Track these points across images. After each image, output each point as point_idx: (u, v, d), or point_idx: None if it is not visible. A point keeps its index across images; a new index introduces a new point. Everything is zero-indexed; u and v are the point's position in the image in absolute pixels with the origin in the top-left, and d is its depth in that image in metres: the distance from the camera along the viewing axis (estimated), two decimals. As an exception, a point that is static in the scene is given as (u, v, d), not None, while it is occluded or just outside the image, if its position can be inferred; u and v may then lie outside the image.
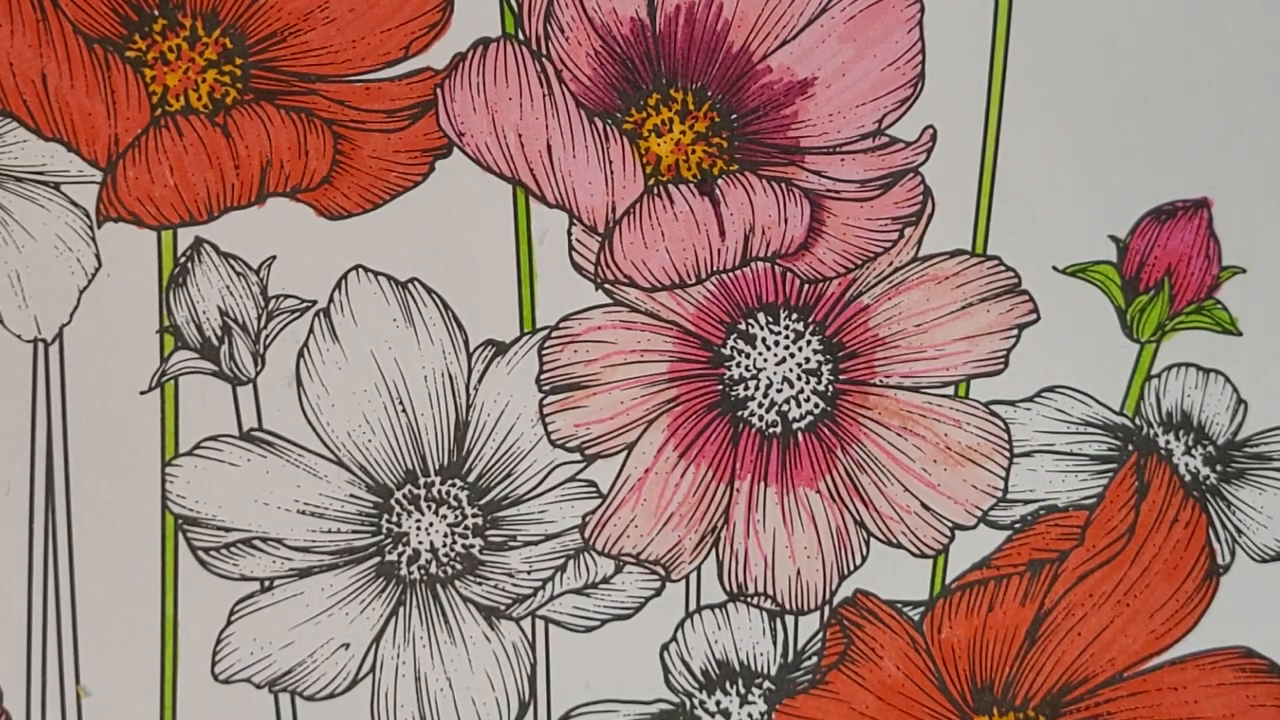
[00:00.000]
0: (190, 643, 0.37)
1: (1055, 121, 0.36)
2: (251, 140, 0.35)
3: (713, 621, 0.38)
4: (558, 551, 0.37)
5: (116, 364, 0.35)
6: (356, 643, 0.37)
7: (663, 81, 0.35)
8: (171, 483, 0.36)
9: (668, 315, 0.37)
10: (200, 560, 0.36)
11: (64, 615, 0.36)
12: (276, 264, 0.36)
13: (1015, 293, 0.37)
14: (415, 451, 0.36)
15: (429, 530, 0.37)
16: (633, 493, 0.37)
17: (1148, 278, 0.37)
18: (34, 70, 0.34)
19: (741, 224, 0.36)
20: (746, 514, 0.37)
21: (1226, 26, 0.36)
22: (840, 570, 0.38)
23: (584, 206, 0.36)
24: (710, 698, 0.38)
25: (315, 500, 0.36)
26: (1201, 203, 0.37)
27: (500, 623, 0.37)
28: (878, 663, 0.38)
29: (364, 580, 0.37)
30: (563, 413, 0.37)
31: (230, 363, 0.36)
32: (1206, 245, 0.37)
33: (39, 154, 0.34)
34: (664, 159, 0.36)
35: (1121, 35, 0.36)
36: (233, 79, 0.34)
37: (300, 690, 0.37)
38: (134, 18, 0.34)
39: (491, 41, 0.35)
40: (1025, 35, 0.36)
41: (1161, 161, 0.37)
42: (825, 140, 0.36)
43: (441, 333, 0.36)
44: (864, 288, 0.37)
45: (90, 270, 0.35)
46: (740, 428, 0.37)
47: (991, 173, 0.36)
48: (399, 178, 0.35)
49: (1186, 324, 0.38)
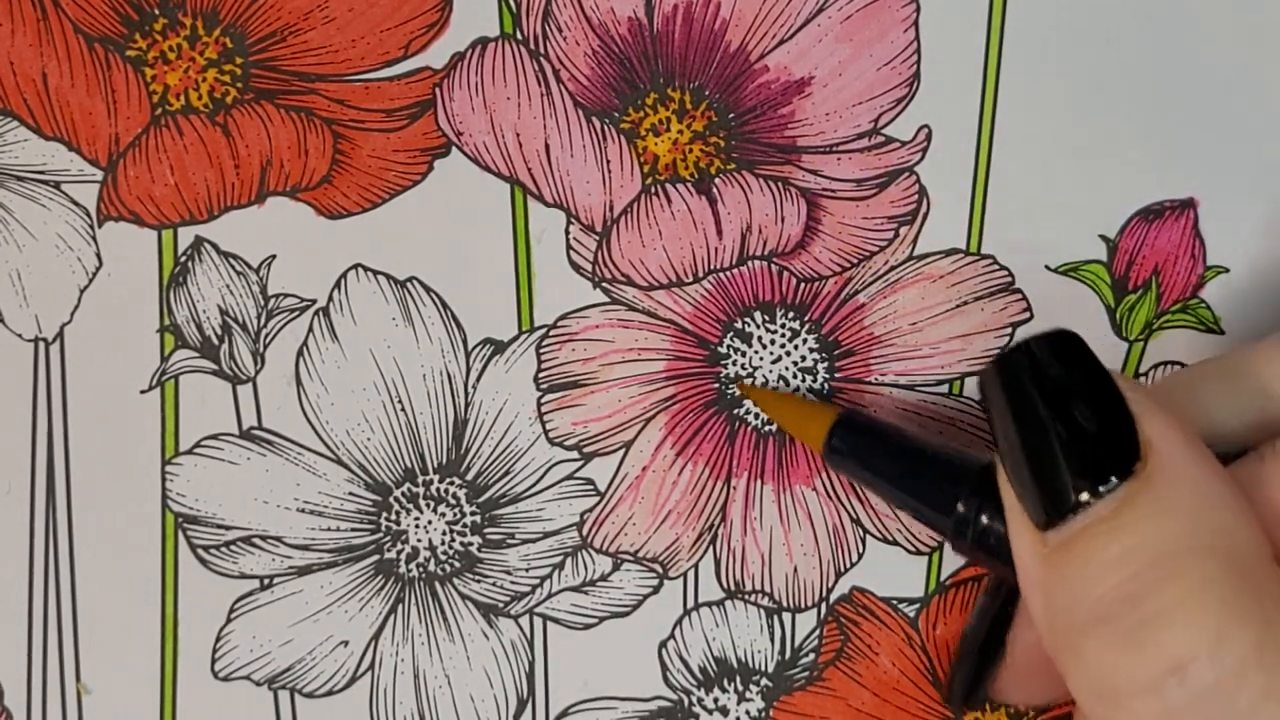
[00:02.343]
0: (190, 640, 0.36)
1: (1048, 122, 0.37)
2: (251, 139, 0.35)
3: (710, 619, 0.38)
4: (556, 549, 0.37)
5: (117, 363, 0.35)
6: (355, 640, 0.37)
7: (660, 81, 0.35)
8: (171, 481, 0.36)
9: (665, 314, 0.37)
10: (200, 558, 0.36)
11: (64, 613, 0.36)
12: (276, 263, 0.36)
13: (1009, 291, 0.37)
14: (414, 450, 0.36)
15: (427, 528, 0.37)
16: (630, 490, 0.37)
17: (1136, 277, 0.38)
18: (34, 69, 0.34)
19: (738, 223, 0.36)
20: (744, 512, 0.38)
21: (1217, 30, 0.36)
22: (837, 568, 0.38)
23: (582, 205, 0.36)
24: (708, 695, 0.38)
25: (314, 498, 0.36)
26: (1188, 203, 0.37)
27: (499, 620, 0.37)
28: (874, 659, 0.38)
29: (363, 578, 0.37)
30: (560, 411, 0.37)
31: (230, 361, 0.36)
32: (1192, 245, 0.38)
33: (39, 153, 0.34)
34: (661, 158, 0.36)
35: (1114, 38, 0.36)
36: (233, 78, 0.34)
37: (299, 687, 0.37)
38: (134, 17, 0.34)
39: (490, 41, 0.35)
40: (1019, 36, 0.36)
41: (1151, 162, 0.37)
42: (822, 140, 0.36)
43: (440, 331, 0.36)
44: (860, 286, 0.37)
45: (91, 269, 0.35)
46: (737, 426, 0.37)
47: (985, 173, 0.37)
48: (398, 177, 0.35)
49: (1172, 323, 0.38)
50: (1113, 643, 0.27)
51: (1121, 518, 0.27)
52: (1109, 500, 0.27)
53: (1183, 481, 0.27)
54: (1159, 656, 0.26)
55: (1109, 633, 0.27)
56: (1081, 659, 0.28)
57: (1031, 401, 0.29)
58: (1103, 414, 0.28)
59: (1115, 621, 0.27)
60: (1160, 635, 0.26)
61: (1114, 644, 0.27)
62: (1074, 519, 0.28)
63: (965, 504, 0.32)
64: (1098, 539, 0.27)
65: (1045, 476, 0.28)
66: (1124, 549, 0.27)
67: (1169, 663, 0.26)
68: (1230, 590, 0.26)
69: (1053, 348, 0.29)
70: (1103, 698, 0.27)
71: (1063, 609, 0.28)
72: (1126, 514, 0.27)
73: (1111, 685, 0.27)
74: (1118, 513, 0.27)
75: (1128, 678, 0.27)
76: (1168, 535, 0.27)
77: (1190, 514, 0.27)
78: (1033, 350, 0.29)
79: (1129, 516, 0.27)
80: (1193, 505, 0.27)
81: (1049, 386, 0.29)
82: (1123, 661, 0.27)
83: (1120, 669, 0.27)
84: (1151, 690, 0.26)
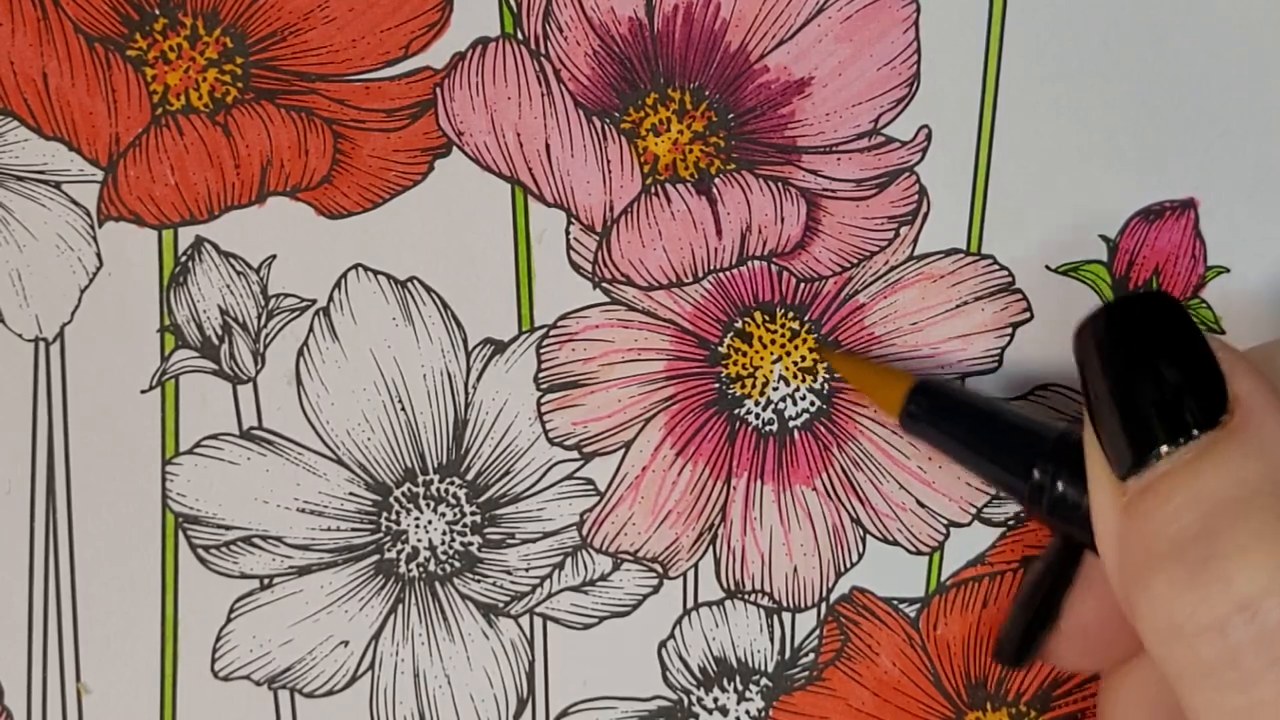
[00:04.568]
0: (190, 640, 0.36)
1: (1048, 123, 0.37)
2: (252, 139, 0.35)
3: (710, 619, 0.38)
4: (556, 549, 0.37)
5: (117, 363, 0.35)
6: (355, 640, 0.37)
7: (660, 81, 0.35)
8: (172, 481, 0.36)
9: (665, 314, 0.37)
10: (200, 558, 0.36)
11: (64, 613, 0.36)
12: (276, 263, 0.36)
13: (1009, 292, 0.37)
14: (414, 450, 0.36)
15: (428, 528, 0.37)
16: (630, 490, 0.37)
17: (1137, 277, 0.38)
18: (35, 69, 0.34)
19: (738, 223, 0.36)
20: (744, 511, 0.38)
21: (1217, 30, 0.36)
22: (837, 567, 0.38)
23: (582, 205, 0.36)
24: (708, 694, 0.38)
25: (315, 498, 0.36)
26: (1189, 203, 0.37)
27: (498, 620, 0.37)
28: (874, 659, 0.39)
29: (363, 578, 0.37)
30: (560, 411, 0.37)
31: (230, 361, 0.36)
32: (1193, 245, 0.38)
33: (40, 153, 0.34)
34: (661, 158, 0.36)
35: (1113, 38, 0.36)
36: (233, 78, 0.34)
37: (299, 687, 0.37)
38: (135, 16, 0.34)
39: (490, 41, 0.35)
40: (1019, 37, 0.36)
41: (1151, 162, 0.37)
42: (822, 140, 0.36)
43: (440, 331, 0.36)
44: (860, 286, 0.37)
45: (91, 269, 0.35)
46: (737, 426, 0.37)
47: (986, 173, 0.37)
48: (398, 177, 0.35)
49: (1174, 323, 0.38)
50: (1181, 579, 0.27)
51: (1201, 463, 0.28)
52: (1190, 448, 0.28)
53: (1265, 432, 0.28)
54: (1226, 594, 0.26)
55: (1178, 570, 0.27)
56: (1150, 596, 0.28)
57: (1123, 355, 0.30)
58: (1194, 369, 0.29)
59: (1185, 559, 0.27)
60: (1229, 573, 0.26)
61: (1182, 581, 0.27)
62: (1156, 465, 0.28)
63: (1041, 470, 0.33)
64: (1176, 481, 0.28)
65: (1133, 427, 0.29)
66: (1200, 490, 0.27)
67: (1236, 601, 0.26)
68: None
69: (1147, 306, 0.30)
70: (1169, 635, 0.28)
71: (1137, 549, 0.28)
72: (1206, 459, 0.28)
73: (1179, 622, 0.27)
74: (1198, 458, 0.28)
75: (1194, 614, 0.27)
76: (1245, 479, 0.27)
77: (1267, 464, 0.27)
78: (1128, 307, 0.30)
79: (1209, 462, 0.28)
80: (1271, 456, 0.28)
81: (1142, 340, 0.30)
82: (1190, 597, 0.27)
83: (1188, 605, 0.27)
84: (1217, 628, 0.26)
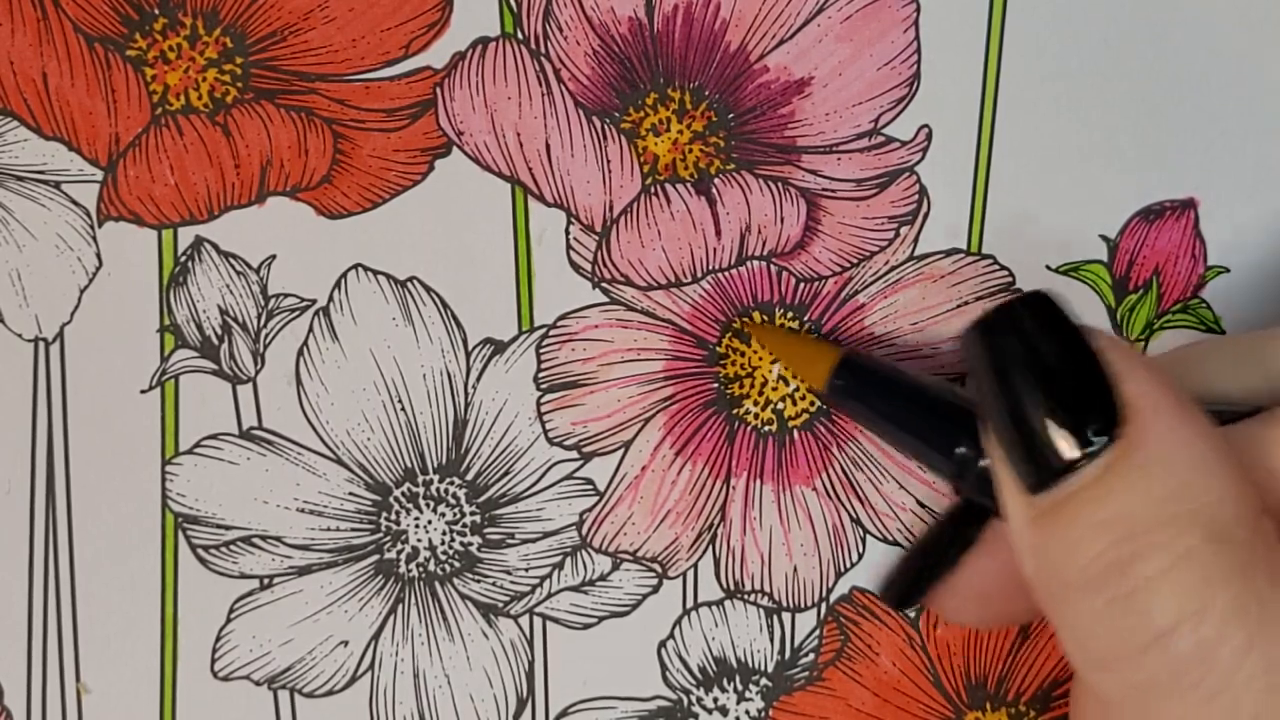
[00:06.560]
0: (190, 640, 0.36)
1: (1048, 122, 0.37)
2: (252, 139, 0.35)
3: (710, 619, 0.38)
4: (555, 549, 0.37)
5: (117, 363, 0.35)
6: (355, 640, 0.37)
7: (660, 81, 0.35)
8: (171, 481, 0.36)
9: (664, 314, 0.37)
10: (200, 558, 0.36)
11: (64, 613, 0.36)
12: (276, 263, 0.36)
13: (1009, 292, 0.37)
14: (414, 450, 0.36)
15: (427, 528, 0.37)
16: (630, 490, 0.37)
17: (1137, 277, 0.38)
18: (34, 69, 0.34)
19: (738, 223, 0.36)
20: (743, 511, 0.38)
21: (1217, 30, 0.36)
22: (836, 567, 0.38)
23: (582, 205, 0.36)
24: (708, 694, 0.38)
25: (314, 498, 0.36)
26: (1189, 203, 0.37)
27: (498, 620, 0.37)
28: (874, 659, 0.39)
29: (363, 578, 0.37)
30: (560, 411, 0.37)
31: (230, 361, 0.36)
32: (1193, 245, 0.38)
33: (40, 153, 0.34)
34: (661, 158, 0.36)
35: (1113, 38, 0.36)
36: (233, 78, 0.34)
37: (299, 687, 0.37)
38: (134, 16, 0.34)
39: (490, 41, 0.35)
40: (1019, 36, 0.36)
41: (1151, 162, 0.37)
42: (821, 140, 0.36)
43: (440, 331, 0.36)
44: (860, 286, 0.37)
45: (91, 269, 0.35)
46: (736, 425, 0.37)
47: (986, 173, 0.37)
48: (398, 177, 0.35)
49: (1173, 323, 0.38)
50: (1097, 610, 0.27)
51: (1106, 484, 0.27)
52: (1095, 465, 0.27)
53: (1166, 443, 0.27)
54: (1142, 626, 0.26)
55: (1093, 600, 0.27)
56: (1068, 623, 0.28)
57: (1010, 365, 0.29)
58: (1077, 375, 0.28)
59: (1099, 589, 0.27)
60: (1142, 605, 0.26)
61: (1098, 611, 0.27)
62: (1061, 484, 0.28)
63: (967, 446, 0.32)
64: (1083, 505, 0.27)
65: (1028, 440, 0.28)
66: (1108, 516, 0.27)
67: (1151, 633, 0.26)
68: (1212, 557, 0.26)
69: (1029, 309, 0.29)
70: (1090, 662, 0.28)
71: (1051, 571, 0.28)
72: (1111, 480, 0.27)
73: (1097, 651, 0.27)
74: (1102, 478, 0.27)
75: (1112, 645, 0.27)
76: (1151, 501, 0.27)
77: (1174, 478, 0.27)
78: (1010, 313, 0.29)
79: (1113, 483, 0.27)
80: (1176, 469, 0.27)
81: (1025, 349, 0.29)
82: (1107, 629, 0.27)
83: (1105, 636, 0.27)
84: (1136, 658, 0.27)
